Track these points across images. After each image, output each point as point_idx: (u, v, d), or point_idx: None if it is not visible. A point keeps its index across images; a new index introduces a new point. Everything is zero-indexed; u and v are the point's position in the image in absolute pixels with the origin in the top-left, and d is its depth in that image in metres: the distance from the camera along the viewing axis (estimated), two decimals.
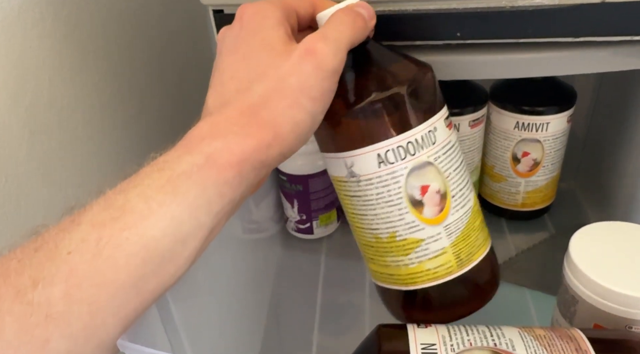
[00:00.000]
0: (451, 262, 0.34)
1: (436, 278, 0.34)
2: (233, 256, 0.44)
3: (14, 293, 0.19)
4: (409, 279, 0.35)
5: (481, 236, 0.36)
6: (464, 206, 0.34)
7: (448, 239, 0.34)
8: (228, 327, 0.40)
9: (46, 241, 0.21)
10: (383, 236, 0.34)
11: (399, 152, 0.32)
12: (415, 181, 0.32)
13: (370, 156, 0.32)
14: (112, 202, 0.22)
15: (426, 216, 0.33)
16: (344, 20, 0.28)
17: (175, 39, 0.62)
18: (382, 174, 0.32)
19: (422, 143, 0.32)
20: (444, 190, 0.33)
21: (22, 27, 0.39)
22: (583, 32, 0.34)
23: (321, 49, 0.25)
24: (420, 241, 0.34)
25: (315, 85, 0.25)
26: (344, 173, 0.34)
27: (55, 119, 0.43)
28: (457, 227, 0.34)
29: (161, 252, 0.21)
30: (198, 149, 0.23)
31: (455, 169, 0.34)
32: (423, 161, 0.32)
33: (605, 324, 0.33)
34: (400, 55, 0.34)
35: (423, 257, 0.34)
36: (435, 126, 0.32)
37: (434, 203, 0.33)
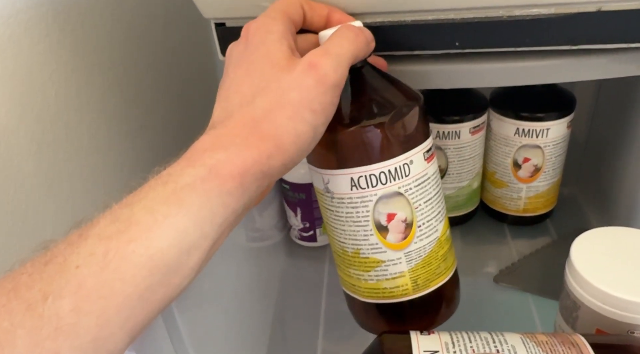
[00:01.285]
0: (407, 286, 0.36)
1: (392, 297, 0.36)
2: (237, 264, 0.44)
3: (25, 307, 0.19)
4: (367, 293, 0.37)
5: (443, 265, 0.37)
6: (428, 236, 0.36)
7: (407, 264, 0.35)
8: (233, 335, 0.40)
9: (55, 255, 0.21)
10: (349, 250, 0.36)
11: (370, 180, 0.33)
12: (383, 208, 0.34)
13: (344, 178, 0.33)
14: (118, 215, 0.22)
15: (389, 240, 0.35)
16: (346, 35, 0.28)
17: (178, 52, 0.63)
18: (352, 196, 0.34)
19: (394, 174, 0.33)
20: (410, 220, 0.34)
21: (29, 43, 0.40)
22: (580, 40, 0.34)
23: (323, 64, 0.26)
24: (381, 262, 0.35)
25: (316, 99, 0.26)
26: (321, 186, 0.35)
27: (62, 133, 0.44)
28: (419, 255, 0.36)
29: (167, 263, 0.22)
30: (201, 161, 0.24)
31: (426, 201, 0.35)
32: (393, 191, 0.33)
33: (607, 329, 0.33)
34: (391, 83, 0.34)
35: (382, 276, 0.36)
36: (411, 159, 0.33)
37: (398, 230, 0.34)
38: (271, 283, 0.54)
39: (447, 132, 0.50)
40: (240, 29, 0.31)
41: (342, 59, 0.27)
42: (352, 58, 0.28)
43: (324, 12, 0.32)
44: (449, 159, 0.52)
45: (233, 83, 0.27)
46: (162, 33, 0.59)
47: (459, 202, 0.55)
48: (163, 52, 0.60)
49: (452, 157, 0.52)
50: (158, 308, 0.22)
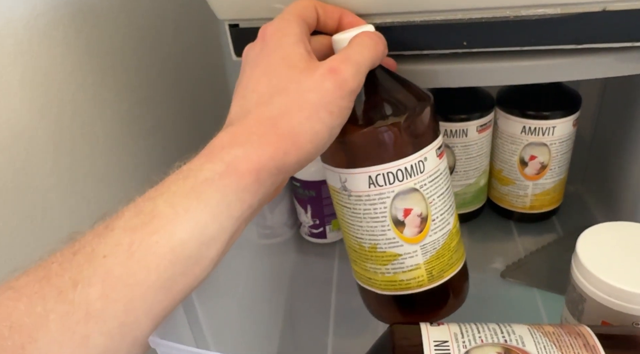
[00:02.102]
0: (423, 277, 0.38)
1: (408, 289, 0.38)
2: (249, 260, 0.45)
3: (57, 293, 0.21)
4: (384, 285, 0.39)
5: (455, 256, 0.39)
6: (442, 228, 0.37)
7: (423, 256, 0.37)
8: (247, 328, 0.41)
9: (83, 246, 0.22)
10: (366, 245, 0.38)
11: (388, 177, 0.34)
12: (400, 204, 0.35)
13: (362, 176, 0.35)
14: (141, 208, 0.23)
15: (406, 235, 0.36)
16: (366, 44, 0.30)
17: (189, 54, 0.64)
18: (370, 194, 0.35)
19: (410, 171, 0.34)
20: (426, 214, 0.36)
21: (47, 45, 0.41)
22: (585, 39, 0.35)
23: (344, 70, 0.27)
24: (398, 256, 0.37)
25: (334, 102, 0.27)
26: (338, 185, 0.37)
27: (78, 133, 0.45)
28: (433, 247, 0.37)
29: (188, 254, 0.23)
30: (219, 157, 0.25)
31: (439, 195, 0.36)
32: (409, 187, 0.35)
33: (612, 321, 0.34)
34: (403, 84, 0.35)
35: (398, 269, 0.37)
36: (425, 156, 0.35)
37: (414, 225, 0.36)
38: (282, 279, 0.55)
39: (454, 130, 0.51)
40: (253, 30, 0.32)
41: (361, 67, 0.28)
42: (370, 66, 0.30)
43: (336, 15, 0.33)
44: (457, 156, 0.53)
45: (250, 83, 0.28)
46: (174, 35, 0.61)
47: (466, 200, 0.56)
48: (174, 54, 0.61)
49: (460, 155, 0.52)
50: (179, 296, 0.23)
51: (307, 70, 0.27)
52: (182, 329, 0.26)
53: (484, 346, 0.29)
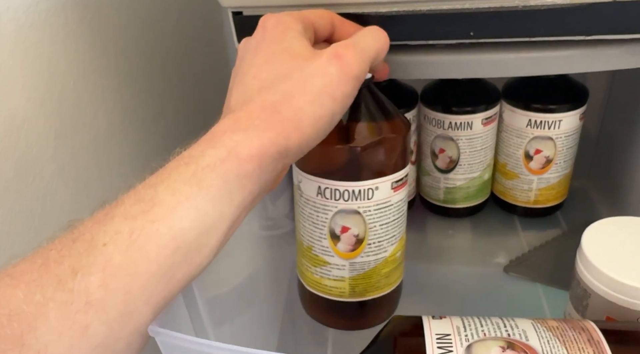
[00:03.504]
0: (345, 289, 0.39)
1: (330, 294, 0.40)
2: (251, 252, 0.45)
3: (56, 281, 0.20)
4: (311, 284, 0.41)
5: (383, 281, 0.40)
6: (376, 254, 0.38)
7: (350, 272, 0.39)
8: (247, 318, 0.41)
9: (83, 233, 0.22)
10: (304, 243, 0.40)
11: (334, 193, 0.35)
12: (340, 220, 0.36)
13: (313, 184, 0.36)
14: (142, 196, 0.23)
15: (339, 248, 0.38)
16: (374, 35, 0.30)
17: (192, 43, 0.64)
18: (317, 202, 0.37)
19: (357, 195, 0.35)
20: (362, 236, 0.37)
21: (48, 32, 0.40)
22: (595, 30, 0.34)
23: (349, 55, 0.27)
24: (327, 263, 0.39)
25: (338, 87, 0.27)
26: (296, 181, 0.38)
27: (80, 121, 0.45)
28: (362, 267, 0.39)
29: (188, 243, 0.22)
30: (220, 142, 0.24)
31: (382, 224, 0.37)
32: (352, 209, 0.36)
33: (617, 316, 0.33)
34: (383, 111, 0.36)
35: (325, 275, 0.39)
36: (377, 186, 0.36)
37: (348, 243, 0.37)
38: (283, 271, 0.55)
39: (459, 123, 0.50)
40: (257, 18, 0.32)
41: (366, 55, 0.28)
42: (375, 56, 0.30)
43: (352, 31, 0.33)
44: (461, 150, 0.52)
45: (251, 70, 0.28)
46: (176, 24, 0.60)
47: (469, 193, 0.56)
48: (177, 43, 0.60)
49: (464, 148, 0.52)
50: (180, 285, 0.23)
51: (311, 57, 0.27)
52: (182, 318, 0.26)
53: (486, 340, 0.29)
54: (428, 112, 0.52)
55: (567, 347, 0.28)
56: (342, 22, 0.33)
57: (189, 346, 0.22)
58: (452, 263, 0.53)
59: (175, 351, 0.22)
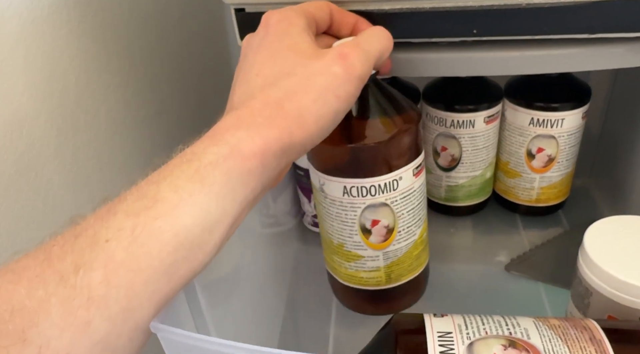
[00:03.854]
0: (381, 278, 0.40)
1: (367, 285, 0.41)
2: (252, 249, 0.45)
3: (59, 277, 0.20)
4: (346, 278, 0.42)
5: (415, 263, 0.41)
6: (407, 239, 0.39)
7: (384, 261, 0.39)
8: (248, 315, 0.41)
9: (85, 229, 0.22)
10: (334, 241, 0.40)
11: (361, 191, 0.36)
12: (369, 215, 0.37)
13: (338, 185, 0.36)
14: (145, 192, 0.23)
15: (371, 241, 0.38)
16: (378, 35, 0.30)
17: (194, 40, 0.64)
18: (343, 201, 0.37)
19: (383, 188, 0.36)
20: (392, 226, 0.38)
21: (50, 28, 0.40)
22: (598, 28, 0.34)
23: (353, 55, 0.27)
24: (361, 257, 0.39)
25: (341, 86, 0.27)
26: (317, 185, 0.39)
27: (81, 118, 0.45)
28: (395, 254, 0.39)
29: (191, 240, 0.22)
30: (223, 140, 0.24)
31: (409, 210, 0.38)
32: (380, 202, 0.36)
33: (619, 315, 0.33)
34: (392, 103, 0.36)
35: (360, 268, 0.40)
36: (401, 176, 0.36)
37: (380, 234, 0.38)
38: (284, 269, 0.55)
39: (461, 121, 0.50)
40: (259, 14, 0.32)
41: (370, 55, 0.28)
42: (379, 57, 0.30)
43: (351, 21, 0.33)
44: (463, 148, 0.52)
45: (254, 67, 0.28)
46: (178, 21, 0.60)
47: (471, 192, 0.55)
48: (179, 39, 0.60)
49: (466, 147, 0.52)
50: (182, 282, 0.23)
51: (316, 56, 0.27)
52: (184, 315, 0.26)
53: (488, 338, 0.29)
54: (430, 110, 0.52)
55: (569, 345, 0.28)
56: (341, 12, 0.33)
57: (191, 343, 0.22)
58: (453, 262, 0.53)
59: (177, 347, 0.22)
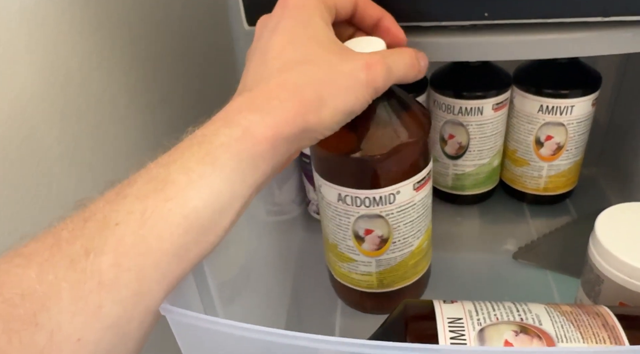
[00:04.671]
0: (373, 282, 0.40)
1: (359, 286, 0.41)
2: (257, 237, 0.44)
3: (69, 261, 0.20)
4: (339, 276, 0.42)
5: (411, 271, 0.40)
6: (402, 250, 0.38)
7: (376, 268, 0.39)
8: (255, 302, 0.41)
9: (94, 213, 0.21)
10: (330, 240, 0.40)
11: (355, 200, 0.35)
12: (363, 224, 0.36)
13: (333, 191, 0.36)
14: (154, 175, 0.23)
15: (364, 248, 0.38)
16: (405, 59, 0.31)
17: (197, 27, 0.63)
18: (338, 207, 0.36)
19: (379, 201, 0.35)
20: (387, 236, 0.37)
21: (53, 13, 0.40)
22: (613, 10, 0.33)
23: (378, 69, 0.28)
24: (353, 260, 0.39)
25: (360, 91, 0.28)
26: (316, 184, 0.38)
27: (85, 104, 0.44)
28: (388, 263, 0.38)
29: (202, 222, 0.22)
30: (235, 121, 0.24)
31: (406, 223, 0.37)
32: (374, 213, 0.35)
33: (630, 302, 0.33)
34: (405, 111, 0.35)
35: (352, 270, 0.40)
36: (399, 190, 0.35)
37: (373, 243, 0.37)
38: (289, 257, 0.55)
39: (469, 108, 0.50)
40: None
41: (392, 75, 0.29)
42: (401, 78, 0.30)
43: (376, 14, 0.33)
44: (471, 135, 0.51)
45: (272, 49, 0.27)
46: (182, 8, 0.59)
47: (478, 180, 0.55)
48: (183, 26, 0.60)
49: (474, 134, 0.51)
50: (191, 264, 0.23)
51: (341, 55, 0.28)
52: (192, 296, 0.26)
53: (499, 324, 0.28)
54: (438, 97, 0.51)
55: (581, 331, 0.28)
56: (366, 3, 0.32)
57: (200, 324, 0.21)
58: (460, 251, 0.53)
59: (186, 329, 0.22)
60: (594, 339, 0.27)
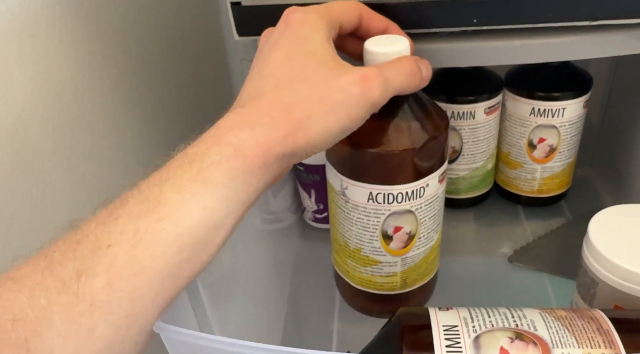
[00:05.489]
0: (396, 283, 0.40)
1: (381, 290, 0.41)
2: (253, 246, 0.44)
3: (60, 284, 0.20)
4: (359, 282, 0.41)
5: (430, 268, 0.41)
6: (425, 245, 0.39)
7: (402, 267, 0.39)
8: (251, 313, 0.41)
9: (86, 234, 0.21)
10: (351, 245, 0.39)
11: (387, 198, 0.35)
12: (392, 221, 0.36)
13: (363, 191, 0.36)
14: (146, 195, 0.23)
15: (391, 247, 0.38)
16: (404, 69, 0.30)
17: (190, 35, 0.63)
18: (367, 207, 0.36)
19: (410, 196, 0.35)
20: (414, 232, 0.37)
21: (44, 25, 0.40)
22: (601, 15, 0.34)
23: (374, 81, 0.27)
24: (378, 263, 0.39)
25: (355, 107, 0.27)
26: (337, 188, 0.38)
27: (78, 114, 0.44)
28: (413, 260, 0.39)
29: (195, 240, 0.22)
30: (226, 139, 0.24)
31: (431, 216, 0.38)
32: (405, 209, 0.36)
33: (625, 305, 0.33)
34: (424, 109, 0.35)
35: (376, 273, 0.40)
36: (428, 183, 0.36)
37: (401, 240, 0.38)
38: (285, 265, 0.54)
39: (461, 112, 0.50)
40: (256, 8, 0.31)
41: (390, 86, 0.29)
42: (399, 91, 0.30)
43: (381, 25, 0.33)
44: (464, 139, 0.52)
45: (268, 65, 0.28)
46: (174, 16, 0.59)
47: (473, 184, 0.55)
48: (175, 34, 0.60)
49: (467, 138, 0.51)
50: (185, 282, 0.23)
51: (337, 70, 0.27)
52: (186, 313, 0.26)
53: (494, 331, 0.28)
54: None
55: (576, 336, 0.28)
56: (371, 15, 0.32)
57: (194, 342, 0.21)
58: (456, 254, 0.53)
59: (181, 346, 0.22)
60: (589, 344, 0.27)
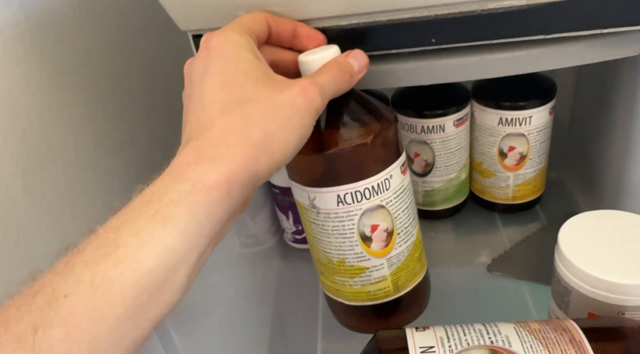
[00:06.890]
0: (389, 288, 0.39)
1: (375, 299, 0.40)
2: (233, 271, 0.44)
3: (16, 341, 0.19)
4: (352, 297, 0.40)
5: (418, 265, 0.41)
6: (406, 241, 0.39)
7: (389, 269, 0.39)
8: (232, 343, 0.41)
9: (43, 286, 0.21)
10: (334, 259, 0.39)
11: (356, 196, 0.35)
12: (367, 220, 0.36)
13: (331, 195, 0.36)
14: (104, 240, 0.22)
15: (373, 249, 0.38)
16: (332, 72, 0.31)
17: (160, 64, 0.63)
18: (339, 212, 0.36)
19: (377, 189, 0.36)
20: (391, 228, 0.37)
21: (7, 65, 0.39)
22: (553, 29, 0.34)
23: (313, 90, 0.28)
24: (365, 269, 0.39)
25: (304, 117, 0.27)
26: (306, 202, 0.38)
27: (48, 153, 0.44)
28: (399, 259, 0.39)
29: (155, 281, 0.22)
30: (184, 176, 0.24)
31: (403, 210, 0.38)
32: (376, 204, 0.36)
33: (598, 312, 0.33)
34: (368, 105, 0.36)
35: (366, 281, 0.39)
36: (391, 174, 0.36)
37: (381, 239, 0.37)
38: (267, 287, 0.54)
39: (431, 126, 0.51)
40: None
41: (326, 92, 0.29)
42: (334, 93, 0.31)
43: (289, 27, 0.33)
44: (436, 152, 0.52)
45: (207, 93, 0.27)
46: (143, 46, 0.59)
47: (448, 195, 0.56)
48: (145, 65, 0.59)
49: (439, 151, 0.52)
50: (150, 326, 0.22)
51: (277, 86, 0.27)
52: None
53: (470, 350, 0.29)
54: (400, 117, 0.52)
55: (549, 349, 0.28)
56: (277, 20, 0.32)
57: None
58: (435, 265, 0.53)
59: None
60: None
